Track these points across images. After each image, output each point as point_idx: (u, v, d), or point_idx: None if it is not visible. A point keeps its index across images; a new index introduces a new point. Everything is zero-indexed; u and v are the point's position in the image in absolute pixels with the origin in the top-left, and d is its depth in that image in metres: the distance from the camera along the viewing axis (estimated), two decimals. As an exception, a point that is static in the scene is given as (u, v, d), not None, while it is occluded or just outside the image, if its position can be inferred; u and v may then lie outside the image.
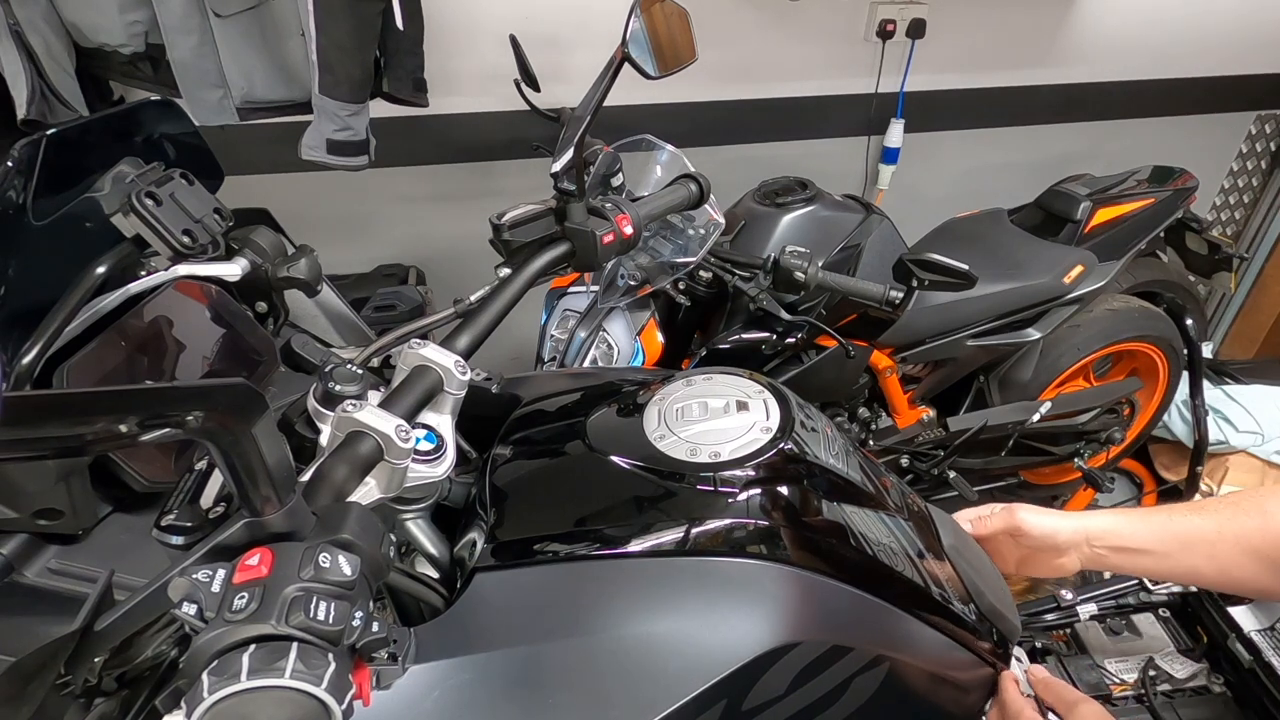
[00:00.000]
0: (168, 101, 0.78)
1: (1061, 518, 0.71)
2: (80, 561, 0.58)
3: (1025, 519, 0.72)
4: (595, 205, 0.84)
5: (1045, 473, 1.95)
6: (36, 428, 0.31)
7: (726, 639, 0.57)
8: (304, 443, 0.59)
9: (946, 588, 0.74)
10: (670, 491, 0.64)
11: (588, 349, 1.37)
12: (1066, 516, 0.71)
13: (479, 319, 0.71)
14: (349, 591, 0.41)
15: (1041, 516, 0.72)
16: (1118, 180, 1.76)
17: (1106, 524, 0.69)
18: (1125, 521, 0.69)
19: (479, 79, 1.74)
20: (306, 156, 1.42)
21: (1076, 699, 0.69)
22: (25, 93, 1.26)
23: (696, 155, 1.10)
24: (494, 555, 0.61)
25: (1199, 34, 2.25)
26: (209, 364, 0.72)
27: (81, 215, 0.65)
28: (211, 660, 0.37)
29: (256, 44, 1.37)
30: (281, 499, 0.42)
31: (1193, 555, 0.66)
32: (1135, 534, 0.68)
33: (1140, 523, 0.68)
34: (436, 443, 0.60)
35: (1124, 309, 1.76)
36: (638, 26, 0.79)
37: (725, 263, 1.33)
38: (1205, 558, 0.66)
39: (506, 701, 0.54)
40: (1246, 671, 0.79)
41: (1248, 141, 2.58)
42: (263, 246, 0.76)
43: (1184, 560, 0.67)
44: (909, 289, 1.21)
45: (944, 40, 1.99)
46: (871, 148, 2.14)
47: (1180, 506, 0.68)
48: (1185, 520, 0.66)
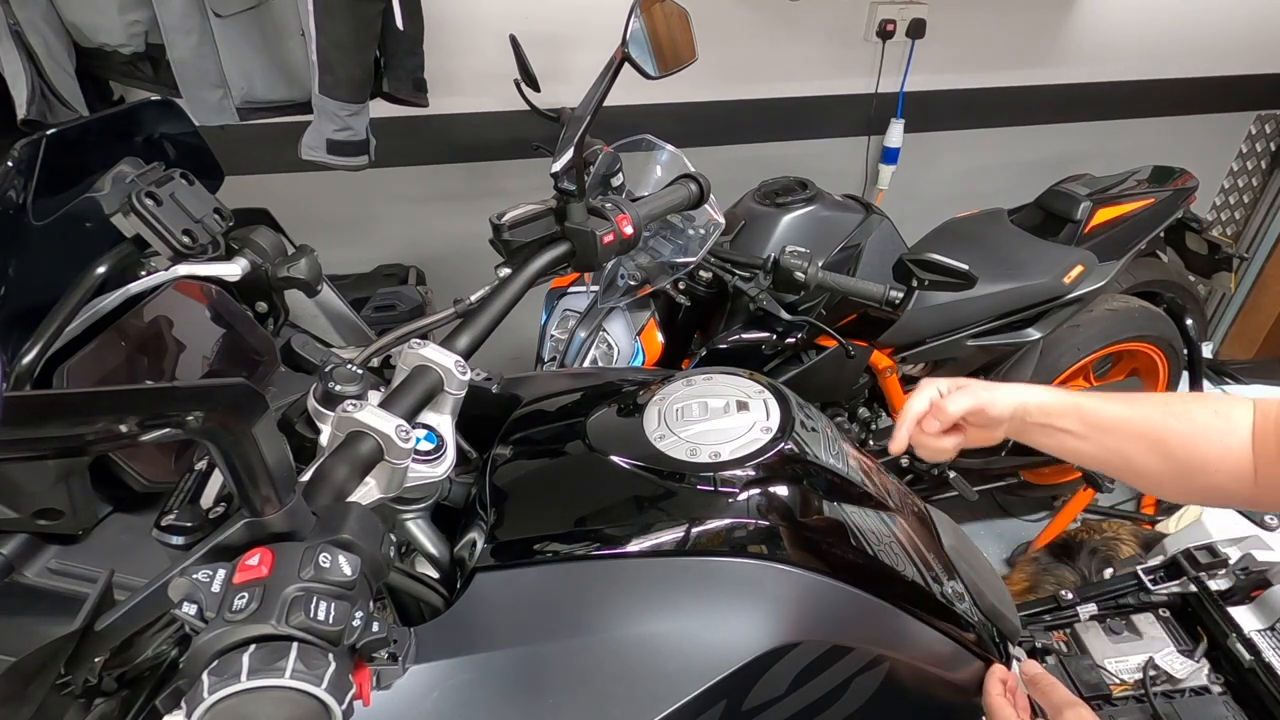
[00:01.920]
0: (168, 101, 0.78)
1: (1004, 391, 0.72)
2: (80, 561, 0.58)
3: (992, 400, 0.72)
4: (595, 205, 0.84)
5: (1045, 473, 1.94)
6: (36, 428, 0.31)
7: (726, 639, 0.57)
8: (304, 443, 0.59)
9: (946, 588, 0.74)
10: (670, 491, 0.64)
11: (588, 349, 1.37)
12: (1008, 390, 0.72)
13: (479, 319, 0.71)
14: (349, 591, 0.41)
15: (994, 392, 0.72)
16: (1118, 180, 1.76)
17: (1040, 399, 0.71)
18: (1056, 401, 0.70)
19: (479, 79, 1.74)
20: (306, 156, 1.42)
21: (1063, 703, 0.69)
22: (25, 93, 1.26)
23: (696, 155, 1.10)
24: (494, 555, 0.61)
25: (1199, 34, 2.25)
26: (209, 364, 0.72)
27: (81, 215, 0.65)
28: (212, 660, 0.37)
29: (256, 44, 1.37)
30: (281, 499, 0.42)
31: (1109, 443, 0.68)
32: (1064, 415, 0.70)
33: (1070, 404, 0.70)
34: (436, 443, 0.60)
35: (1124, 309, 1.76)
36: (638, 26, 0.79)
37: (725, 263, 1.33)
38: (1115, 450, 0.68)
39: (506, 702, 0.54)
40: (1246, 671, 0.79)
41: (1248, 141, 2.58)
42: (263, 246, 0.76)
43: (1103, 445, 0.68)
44: (909, 289, 1.21)
45: (944, 40, 1.99)
46: (871, 148, 2.14)
47: (1116, 396, 0.69)
48: (1113, 410, 0.68)
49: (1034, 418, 0.71)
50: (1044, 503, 2.14)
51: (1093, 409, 0.69)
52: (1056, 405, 0.70)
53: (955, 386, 0.75)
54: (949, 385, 0.75)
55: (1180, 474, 0.65)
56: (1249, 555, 0.88)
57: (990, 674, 0.72)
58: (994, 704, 0.69)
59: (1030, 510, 2.15)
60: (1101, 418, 0.68)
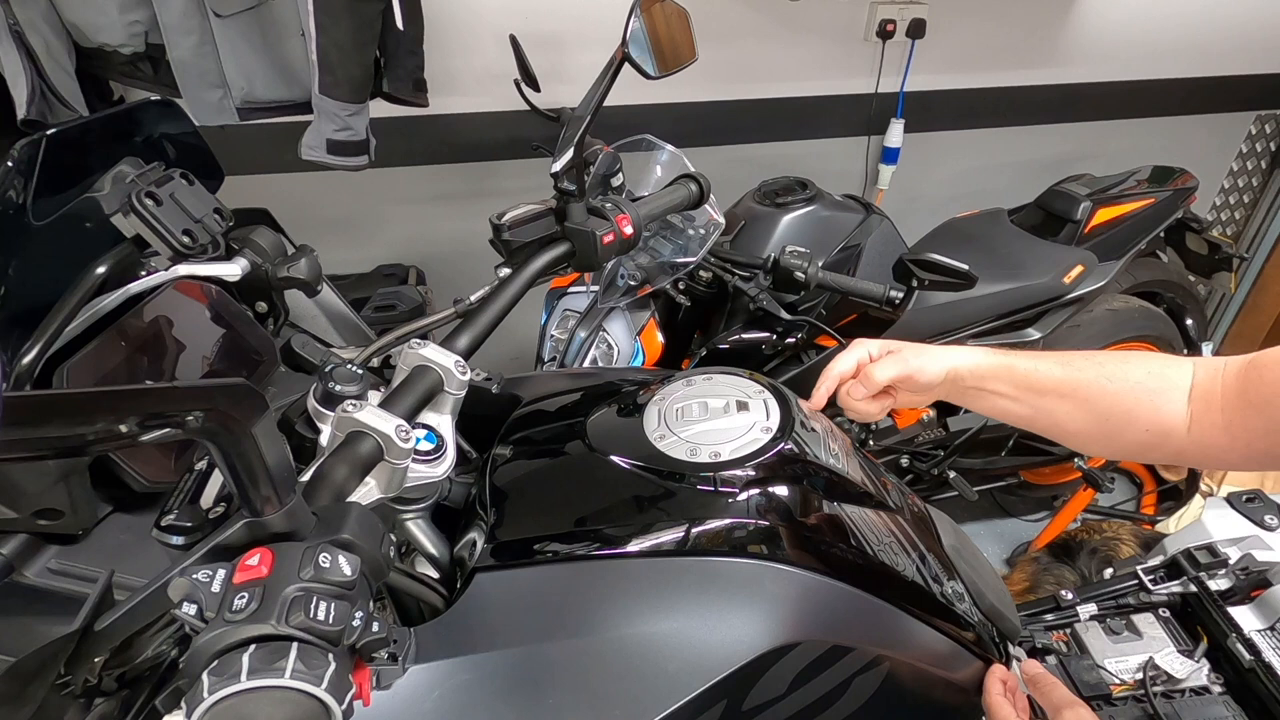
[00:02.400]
0: (168, 101, 0.78)
1: (934, 357, 0.72)
2: (80, 561, 0.58)
3: (921, 368, 0.71)
4: (595, 205, 0.84)
5: (1045, 473, 1.94)
6: (36, 428, 0.31)
7: (726, 639, 0.57)
8: (304, 443, 0.59)
9: (946, 588, 0.74)
10: (670, 491, 0.64)
11: (588, 349, 1.37)
12: (939, 355, 0.72)
13: (479, 319, 0.71)
14: (349, 591, 0.41)
15: (924, 359, 0.72)
16: (1118, 180, 1.76)
17: (972, 363, 0.71)
18: (989, 364, 0.70)
19: (479, 79, 1.74)
20: (306, 156, 1.42)
21: (1063, 703, 0.68)
22: (25, 93, 1.26)
23: (696, 155, 1.10)
24: (494, 555, 0.61)
25: (1199, 34, 2.25)
26: (209, 364, 0.72)
27: (81, 215, 0.65)
28: (211, 660, 0.37)
29: (256, 44, 1.37)
30: (281, 499, 0.42)
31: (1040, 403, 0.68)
32: (996, 377, 0.70)
33: (1003, 366, 0.70)
34: (436, 443, 0.60)
35: (1124, 309, 1.76)
36: (638, 26, 0.79)
37: (725, 263, 1.33)
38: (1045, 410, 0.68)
39: (506, 702, 0.54)
40: (1246, 671, 0.79)
41: (1248, 141, 2.58)
42: (263, 246, 0.76)
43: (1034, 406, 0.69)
44: (909, 289, 1.21)
45: (944, 40, 1.99)
46: (871, 148, 2.14)
47: (1050, 356, 0.69)
48: (1047, 371, 0.68)
49: (966, 381, 0.71)
50: (1044, 503, 2.14)
51: (1026, 371, 0.69)
52: (989, 368, 0.70)
53: (885, 350, 0.74)
54: (879, 348, 0.75)
55: (1108, 432, 0.66)
56: (1249, 555, 0.88)
57: (990, 674, 0.72)
58: (994, 704, 0.69)
59: (1030, 510, 2.15)
60: (1034, 380, 0.68)
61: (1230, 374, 0.61)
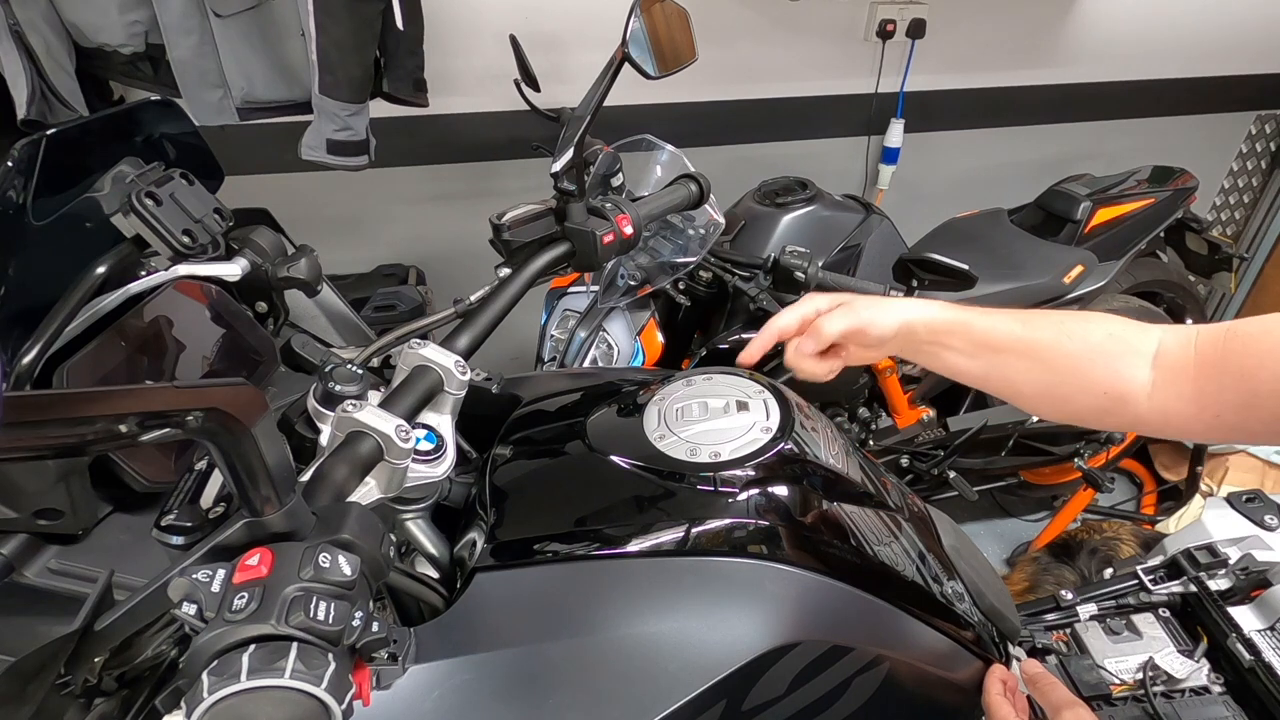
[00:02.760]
0: (168, 101, 0.78)
1: (887, 309, 0.69)
2: (80, 561, 0.58)
3: (874, 320, 0.68)
4: (595, 205, 0.84)
5: (1045, 473, 1.95)
6: (36, 428, 0.31)
7: (726, 639, 0.57)
8: (304, 443, 0.59)
9: (946, 588, 0.74)
10: (670, 491, 0.64)
11: (588, 349, 1.37)
12: (893, 307, 0.69)
13: (479, 319, 0.71)
14: (349, 591, 0.41)
15: (875, 311, 0.69)
16: (1118, 180, 1.76)
17: (928, 317, 0.68)
18: (945, 318, 0.68)
19: (479, 79, 1.74)
20: (306, 156, 1.42)
21: (1063, 703, 0.68)
22: (25, 93, 1.26)
23: (696, 155, 1.10)
24: (494, 555, 0.61)
25: (1199, 34, 2.25)
26: (209, 364, 0.72)
27: (81, 215, 0.65)
28: (211, 660, 0.37)
29: (256, 44, 1.37)
30: (281, 499, 0.42)
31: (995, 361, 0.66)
32: (952, 333, 0.67)
33: (960, 322, 0.67)
34: (436, 443, 0.60)
35: (1124, 309, 1.76)
36: (638, 26, 0.79)
37: (725, 263, 1.33)
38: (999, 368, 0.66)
39: (506, 702, 0.54)
40: (1246, 671, 0.79)
41: (1248, 141, 2.58)
42: (263, 246, 0.76)
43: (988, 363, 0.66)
44: (909, 289, 1.21)
45: (944, 40, 1.99)
46: (871, 148, 2.14)
47: (1010, 313, 0.67)
48: (1005, 328, 0.66)
49: (920, 336, 0.68)
50: (1044, 503, 2.15)
51: (983, 328, 0.66)
52: (945, 322, 0.67)
53: (835, 303, 0.71)
54: (828, 302, 0.71)
55: (1064, 395, 0.63)
56: (1249, 555, 0.88)
57: (990, 674, 0.72)
58: (994, 704, 0.69)
59: (1030, 510, 2.15)
60: (992, 337, 0.66)
61: (1205, 342, 0.58)
